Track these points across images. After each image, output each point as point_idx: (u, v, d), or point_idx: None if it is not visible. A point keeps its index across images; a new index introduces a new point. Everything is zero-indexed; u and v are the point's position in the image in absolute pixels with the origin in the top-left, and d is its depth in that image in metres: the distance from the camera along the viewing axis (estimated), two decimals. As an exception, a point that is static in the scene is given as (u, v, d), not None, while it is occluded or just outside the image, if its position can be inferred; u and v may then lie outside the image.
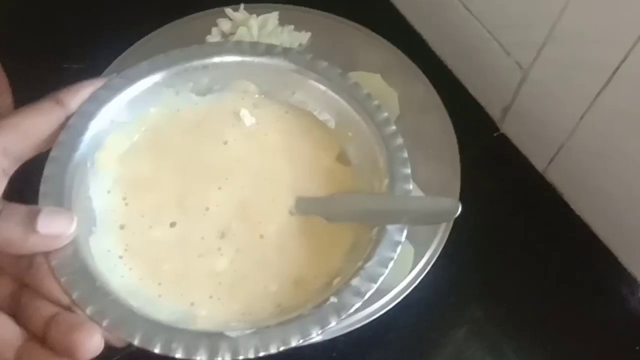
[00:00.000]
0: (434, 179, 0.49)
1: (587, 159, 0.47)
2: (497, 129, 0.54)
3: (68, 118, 0.38)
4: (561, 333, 0.48)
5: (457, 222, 0.47)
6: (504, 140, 0.54)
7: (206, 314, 0.36)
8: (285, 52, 0.42)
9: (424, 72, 0.53)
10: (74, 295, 0.33)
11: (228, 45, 0.43)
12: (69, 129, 0.38)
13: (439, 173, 0.49)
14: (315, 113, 0.43)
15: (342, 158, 0.42)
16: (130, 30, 0.55)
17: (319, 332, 0.33)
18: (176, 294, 0.37)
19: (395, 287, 0.45)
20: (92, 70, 0.50)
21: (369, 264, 0.36)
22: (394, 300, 0.45)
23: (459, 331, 0.48)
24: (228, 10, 0.56)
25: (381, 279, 0.35)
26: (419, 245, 0.47)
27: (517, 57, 0.48)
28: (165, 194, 0.40)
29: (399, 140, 0.40)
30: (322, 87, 0.42)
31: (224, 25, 0.56)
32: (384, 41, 0.55)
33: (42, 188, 0.36)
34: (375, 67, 0.53)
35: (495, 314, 0.48)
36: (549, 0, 0.42)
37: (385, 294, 0.45)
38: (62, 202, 0.36)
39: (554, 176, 0.52)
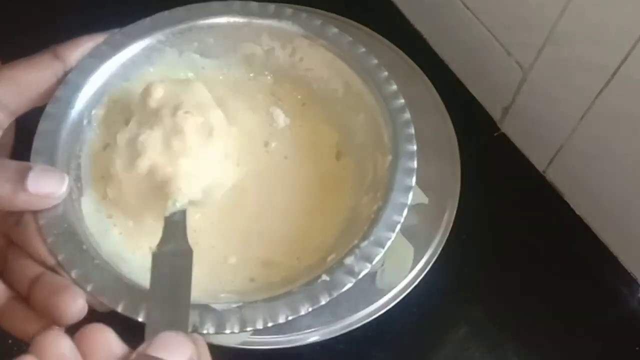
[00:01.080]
0: (434, 179, 0.49)
1: (587, 159, 0.47)
2: (497, 129, 0.54)
3: (66, 73, 0.36)
4: (561, 333, 0.48)
5: (457, 222, 0.48)
6: (504, 140, 0.54)
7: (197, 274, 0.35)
8: (295, 16, 0.40)
9: (424, 71, 0.53)
10: (60, 257, 0.32)
11: (235, 5, 0.41)
12: (67, 84, 0.36)
13: (439, 173, 0.49)
14: (323, 81, 0.41)
15: (340, 153, 0.41)
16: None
17: (309, 309, 0.32)
18: None
19: (395, 287, 0.45)
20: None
21: (364, 243, 0.34)
22: (394, 300, 0.45)
23: (459, 331, 0.48)
24: (228, 10, 0.56)
25: (377, 258, 0.34)
26: (419, 245, 0.46)
27: (518, 57, 0.48)
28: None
29: (406, 115, 0.38)
30: (331, 55, 0.40)
31: (224, 24, 0.56)
32: (385, 41, 0.55)
33: (35, 144, 0.35)
34: (375, 67, 0.53)
35: (495, 314, 0.48)
36: (550, 1, 0.42)
37: (385, 294, 0.45)
38: (55, 160, 0.34)
39: (554, 176, 0.52)
